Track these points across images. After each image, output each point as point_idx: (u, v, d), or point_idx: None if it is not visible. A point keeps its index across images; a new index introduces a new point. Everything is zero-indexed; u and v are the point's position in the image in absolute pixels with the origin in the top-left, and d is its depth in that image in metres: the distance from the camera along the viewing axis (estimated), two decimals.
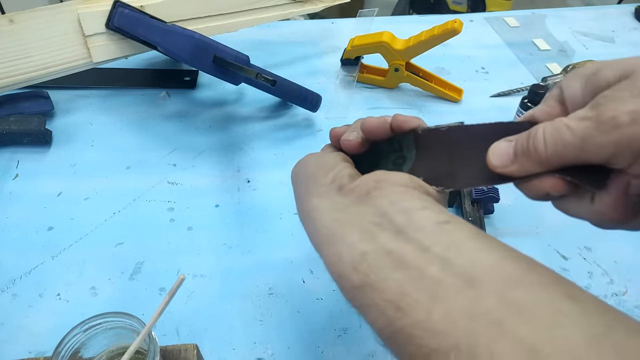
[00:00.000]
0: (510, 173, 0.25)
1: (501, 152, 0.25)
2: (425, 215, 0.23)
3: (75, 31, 0.58)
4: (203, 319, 0.44)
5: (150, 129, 0.64)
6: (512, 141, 0.25)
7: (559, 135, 0.23)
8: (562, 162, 0.23)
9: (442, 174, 0.27)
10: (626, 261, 0.50)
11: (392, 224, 0.23)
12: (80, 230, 0.51)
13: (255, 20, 0.66)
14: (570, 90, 0.25)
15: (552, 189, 0.25)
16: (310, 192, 0.28)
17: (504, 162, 0.25)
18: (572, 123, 0.23)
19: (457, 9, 1.69)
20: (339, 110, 0.67)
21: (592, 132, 0.22)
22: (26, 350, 0.42)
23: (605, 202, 0.24)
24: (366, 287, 0.22)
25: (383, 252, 0.22)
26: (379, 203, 0.24)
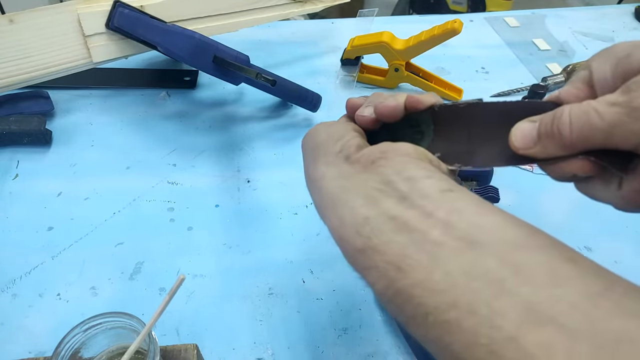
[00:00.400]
0: (534, 154, 0.25)
1: (524, 132, 0.25)
2: (429, 183, 0.23)
3: (75, 31, 0.58)
4: (203, 319, 0.44)
5: (150, 129, 0.64)
6: (535, 122, 0.25)
7: (586, 119, 0.22)
8: (587, 147, 0.23)
9: (460, 152, 0.27)
10: (626, 261, 0.50)
11: (396, 191, 0.23)
12: (80, 230, 0.51)
13: (255, 20, 0.66)
14: (600, 72, 0.25)
15: (581, 170, 0.24)
16: (317, 160, 0.28)
17: (526, 144, 0.25)
18: (602, 107, 0.22)
19: (457, 9, 1.69)
20: (339, 110, 0.67)
21: (623, 118, 0.21)
22: (26, 350, 0.42)
23: (633, 187, 0.24)
24: (368, 249, 0.22)
25: (386, 217, 0.22)
26: (383, 171, 0.24)
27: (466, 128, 0.28)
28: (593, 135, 0.22)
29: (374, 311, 0.45)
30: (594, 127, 0.22)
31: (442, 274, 0.19)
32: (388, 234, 0.22)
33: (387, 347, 0.43)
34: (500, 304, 0.18)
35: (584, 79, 0.26)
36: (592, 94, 0.25)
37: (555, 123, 0.23)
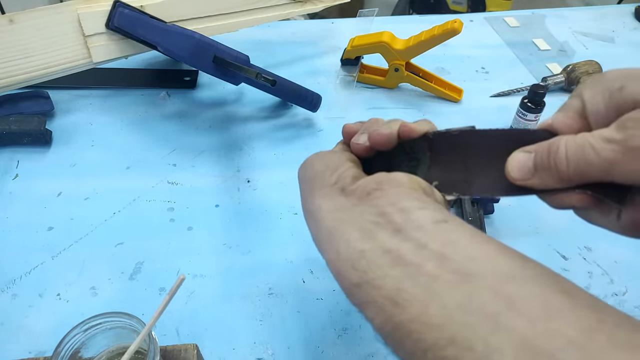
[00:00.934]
0: (531, 185, 0.25)
1: (520, 163, 0.25)
2: (423, 214, 0.23)
3: (75, 31, 0.58)
4: (203, 319, 0.44)
5: (150, 129, 0.64)
6: (531, 152, 0.25)
7: (582, 155, 0.22)
8: (584, 180, 0.23)
9: (457, 180, 0.27)
10: (626, 261, 0.50)
11: (390, 223, 0.23)
12: (80, 230, 0.51)
13: (255, 20, 0.66)
14: (593, 104, 0.25)
15: (579, 203, 0.24)
16: (314, 192, 0.28)
17: (523, 175, 0.25)
18: (598, 144, 0.22)
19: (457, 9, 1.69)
20: (339, 110, 0.67)
21: (620, 157, 0.21)
22: (26, 350, 0.42)
23: (631, 219, 0.24)
24: (364, 284, 0.22)
25: (381, 251, 0.22)
26: (378, 203, 0.24)
27: (461, 156, 0.28)
28: (590, 170, 0.22)
29: None
30: (591, 164, 0.22)
31: (438, 308, 0.19)
32: (384, 268, 0.22)
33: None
34: (496, 339, 0.18)
35: (576, 109, 0.26)
36: (586, 125, 0.25)
37: (551, 156, 0.23)
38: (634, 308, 0.46)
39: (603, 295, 0.47)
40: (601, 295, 0.47)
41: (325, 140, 0.63)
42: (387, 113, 0.69)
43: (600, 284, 0.48)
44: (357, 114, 0.68)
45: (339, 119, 0.66)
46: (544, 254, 0.51)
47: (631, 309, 0.46)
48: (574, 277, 0.49)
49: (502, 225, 0.54)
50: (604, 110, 0.24)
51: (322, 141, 0.64)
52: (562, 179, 0.23)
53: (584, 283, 0.48)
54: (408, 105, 0.70)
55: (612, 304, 0.48)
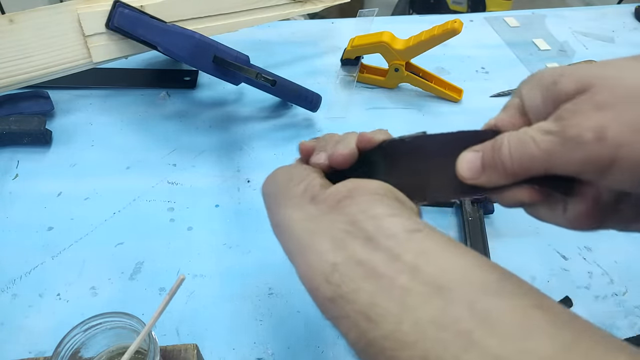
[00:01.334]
0: (481, 184, 0.25)
1: (469, 163, 0.25)
2: (395, 222, 0.23)
3: (75, 31, 0.58)
4: (203, 319, 0.44)
5: (150, 129, 0.64)
6: (479, 151, 0.25)
7: (524, 149, 0.23)
8: (529, 175, 0.23)
9: (412, 187, 0.27)
10: (626, 261, 0.50)
11: (362, 232, 0.23)
12: (80, 230, 0.51)
13: (255, 20, 0.66)
14: (531, 99, 0.25)
15: (527, 198, 0.25)
16: (280, 203, 0.27)
17: (473, 174, 0.25)
18: (537, 136, 0.23)
19: (457, 9, 1.69)
20: (339, 110, 0.68)
21: (558, 147, 0.22)
22: (26, 350, 0.42)
23: (577, 211, 0.25)
24: (338, 298, 0.21)
25: (353, 262, 0.22)
26: (349, 211, 0.24)
27: (414, 162, 0.28)
28: (533, 164, 0.23)
29: None
30: (533, 156, 0.23)
31: (411, 324, 0.19)
32: (357, 281, 0.21)
33: None
34: (468, 358, 0.17)
35: (516, 106, 0.27)
36: (527, 121, 0.26)
37: (496, 153, 0.24)
38: (634, 308, 0.46)
39: (603, 295, 0.47)
40: (601, 295, 0.47)
41: None
42: (387, 113, 0.69)
43: (600, 284, 0.48)
44: (357, 114, 0.68)
45: (339, 119, 0.66)
46: (544, 254, 0.51)
47: (631, 309, 0.46)
48: (574, 277, 0.49)
49: (502, 225, 0.54)
50: (541, 104, 0.25)
51: None
52: (507, 174, 0.24)
53: (584, 283, 0.48)
54: (408, 105, 0.70)
55: (612, 304, 0.48)
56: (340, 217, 0.24)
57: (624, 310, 0.46)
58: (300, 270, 0.24)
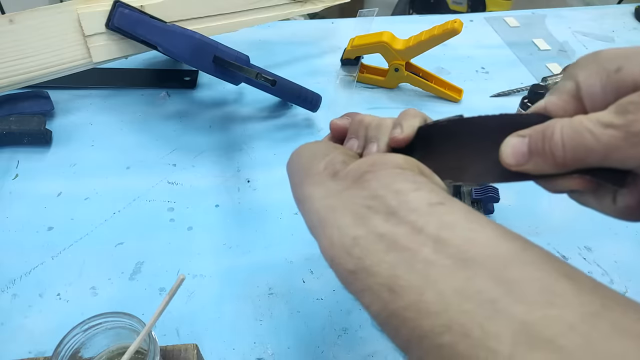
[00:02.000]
0: (527, 171, 0.24)
1: (515, 149, 0.24)
2: (418, 196, 0.22)
3: (75, 31, 0.58)
4: (203, 319, 0.44)
5: (150, 129, 0.64)
6: (525, 137, 0.24)
7: (580, 140, 0.21)
8: (581, 166, 0.22)
9: (450, 168, 0.27)
10: (626, 261, 0.50)
11: (384, 206, 0.22)
12: (80, 230, 0.51)
13: (255, 20, 0.66)
14: (589, 85, 0.24)
15: (577, 187, 0.24)
16: (303, 182, 0.27)
17: (518, 161, 0.24)
18: (596, 129, 0.21)
19: (457, 9, 1.69)
20: (339, 110, 0.67)
21: (620, 142, 0.20)
22: (26, 350, 0.42)
23: (628, 202, 0.24)
24: (360, 271, 0.21)
25: (375, 236, 0.22)
26: (370, 186, 0.24)
27: (452, 145, 0.27)
28: (588, 156, 0.22)
29: None
30: (589, 149, 0.21)
31: (435, 295, 0.19)
32: (378, 254, 0.21)
33: (387, 347, 0.43)
34: (494, 325, 0.17)
35: (570, 91, 0.25)
36: (580, 107, 0.24)
37: (547, 142, 0.23)
38: None
39: None
40: None
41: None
42: (387, 113, 0.68)
43: None
44: None
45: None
46: None
47: None
48: None
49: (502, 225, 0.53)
50: (600, 92, 0.23)
51: None
52: (557, 164, 0.23)
53: None
54: (408, 105, 0.70)
55: None
56: (362, 192, 0.24)
57: None
58: (322, 245, 0.24)
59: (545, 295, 0.17)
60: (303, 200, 0.27)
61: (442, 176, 0.26)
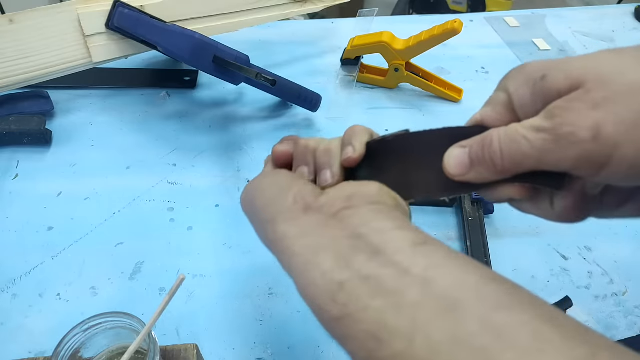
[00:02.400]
0: (469, 180, 0.25)
1: (457, 160, 0.25)
2: (401, 235, 0.22)
3: (75, 31, 0.58)
4: (203, 319, 0.44)
5: (150, 129, 0.64)
6: (465, 147, 0.25)
7: (515, 147, 0.23)
8: (519, 171, 0.23)
9: (399, 186, 0.27)
10: (626, 261, 0.50)
11: (367, 246, 0.22)
12: (80, 230, 0.51)
13: (255, 20, 0.66)
14: (519, 95, 0.25)
15: (517, 195, 0.25)
16: (273, 219, 0.26)
17: (461, 171, 0.25)
18: (529, 134, 0.22)
19: (457, 9, 1.69)
20: (339, 110, 0.67)
21: (551, 146, 0.21)
22: (26, 350, 0.42)
23: (564, 205, 0.25)
24: (345, 318, 0.20)
25: (360, 279, 0.21)
26: (351, 223, 0.23)
27: (398, 161, 0.28)
28: (524, 161, 0.22)
29: None
30: (524, 154, 0.22)
31: (424, 341, 0.18)
32: (364, 299, 0.20)
33: None
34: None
35: (503, 102, 0.26)
36: (514, 117, 0.25)
37: (486, 150, 0.24)
38: (634, 308, 0.46)
39: (603, 295, 0.47)
40: (601, 295, 0.47)
41: None
42: (387, 113, 0.69)
43: (600, 284, 0.48)
44: (357, 114, 0.68)
45: (339, 119, 0.66)
46: (544, 254, 0.51)
47: (631, 309, 0.46)
48: (574, 277, 0.49)
49: (502, 225, 0.54)
50: (530, 100, 0.24)
51: None
52: (497, 171, 0.23)
53: (584, 283, 0.48)
54: (408, 105, 0.70)
55: (612, 304, 0.48)
56: (342, 231, 0.23)
57: (624, 310, 0.46)
58: (303, 289, 0.23)
59: (535, 341, 0.17)
60: (275, 240, 0.25)
61: None
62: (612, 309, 0.46)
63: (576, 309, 0.45)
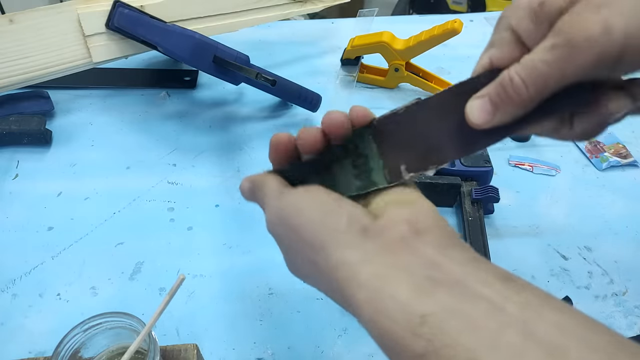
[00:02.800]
0: (498, 123, 0.25)
1: (479, 108, 0.25)
2: (484, 267, 0.20)
3: (75, 31, 0.58)
4: (203, 319, 0.44)
5: (150, 129, 0.64)
6: (484, 96, 0.25)
7: (536, 72, 0.23)
8: (544, 96, 0.24)
9: (424, 154, 0.26)
10: (626, 261, 0.50)
11: (448, 276, 0.20)
12: (80, 230, 0.51)
13: (255, 20, 0.66)
14: (524, 29, 0.25)
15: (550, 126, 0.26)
16: (324, 244, 0.23)
17: (486, 118, 0.25)
18: (545, 56, 0.23)
19: (457, 9, 1.69)
20: (339, 110, 0.67)
21: (568, 56, 0.22)
22: (26, 350, 0.42)
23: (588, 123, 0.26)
24: (430, 355, 0.19)
25: (446, 312, 0.19)
26: (423, 250, 0.21)
27: (417, 131, 0.27)
28: (548, 83, 0.23)
29: None
30: (547, 76, 0.23)
31: None
32: (452, 334, 0.18)
33: None
34: None
35: (509, 40, 0.26)
36: (523, 50, 0.26)
37: (509, 89, 0.24)
38: (634, 308, 0.46)
39: (603, 295, 0.47)
40: (601, 295, 0.47)
41: None
42: None
43: (600, 284, 0.48)
44: None
45: None
46: (544, 254, 0.51)
47: (631, 309, 0.46)
48: (574, 277, 0.49)
49: (502, 225, 0.54)
50: (535, 29, 0.25)
51: None
52: (524, 103, 0.24)
53: (584, 283, 0.48)
54: None
55: (612, 304, 0.48)
56: (415, 258, 0.21)
57: (624, 310, 0.46)
58: (374, 323, 0.21)
59: None
60: (329, 267, 0.23)
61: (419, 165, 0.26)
62: (612, 309, 0.46)
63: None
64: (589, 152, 0.63)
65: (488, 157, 0.55)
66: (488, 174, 0.54)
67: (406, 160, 0.26)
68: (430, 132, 0.27)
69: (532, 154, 0.63)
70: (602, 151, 0.63)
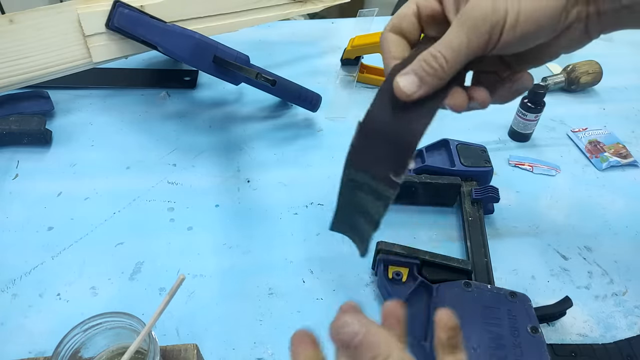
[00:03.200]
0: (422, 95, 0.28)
1: (405, 81, 0.28)
2: None
3: (75, 31, 0.58)
4: (203, 319, 0.44)
5: (150, 129, 0.64)
6: (409, 73, 0.29)
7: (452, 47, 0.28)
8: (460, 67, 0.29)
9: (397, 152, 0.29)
10: (626, 261, 0.50)
11: None
12: (80, 230, 0.51)
13: (255, 20, 0.66)
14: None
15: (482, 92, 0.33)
16: None
17: (413, 87, 0.28)
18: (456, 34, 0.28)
19: None
20: (339, 110, 0.67)
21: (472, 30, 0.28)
22: (26, 350, 0.42)
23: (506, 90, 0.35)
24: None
25: None
26: None
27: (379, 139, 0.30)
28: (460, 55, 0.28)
29: (375, 311, 0.45)
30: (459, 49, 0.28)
31: None
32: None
33: None
34: None
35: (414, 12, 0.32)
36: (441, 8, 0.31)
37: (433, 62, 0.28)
38: (634, 308, 0.46)
39: (603, 295, 0.47)
40: (601, 295, 0.47)
41: (325, 141, 0.63)
42: None
43: (600, 284, 0.48)
44: (357, 114, 0.67)
45: (339, 119, 0.66)
46: (544, 254, 0.51)
47: (631, 309, 0.46)
48: (574, 277, 0.49)
49: (502, 225, 0.54)
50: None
51: (322, 141, 0.63)
52: (445, 74, 0.28)
53: (584, 283, 0.48)
54: None
55: (612, 304, 0.48)
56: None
57: (624, 310, 0.46)
58: None
59: None
60: None
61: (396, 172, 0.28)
62: (612, 309, 0.46)
63: (576, 309, 0.45)
64: (589, 152, 0.63)
65: (488, 157, 0.55)
66: (488, 174, 0.54)
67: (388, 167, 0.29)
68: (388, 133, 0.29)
69: (532, 154, 0.63)
70: (602, 151, 0.63)
